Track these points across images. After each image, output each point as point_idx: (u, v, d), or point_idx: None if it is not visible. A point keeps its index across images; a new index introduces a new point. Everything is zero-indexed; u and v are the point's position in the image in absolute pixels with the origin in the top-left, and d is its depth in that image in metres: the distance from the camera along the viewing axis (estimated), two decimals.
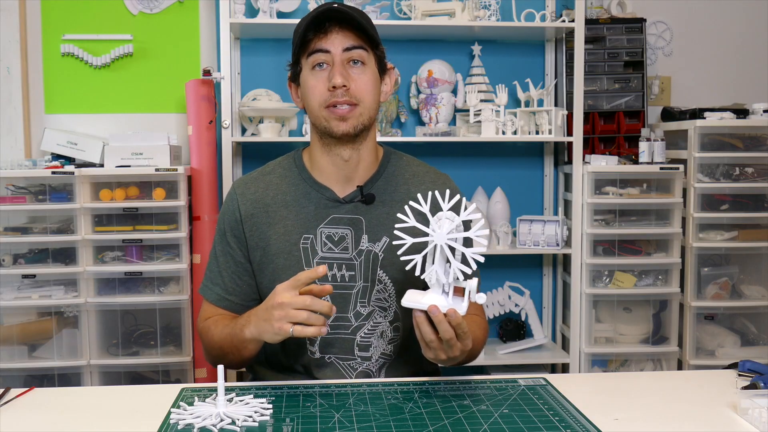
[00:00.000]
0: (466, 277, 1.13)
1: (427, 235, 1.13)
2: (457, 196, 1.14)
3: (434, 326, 1.13)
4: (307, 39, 1.32)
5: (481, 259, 1.12)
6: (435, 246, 1.12)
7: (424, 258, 1.15)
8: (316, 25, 1.31)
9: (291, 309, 1.16)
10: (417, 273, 1.14)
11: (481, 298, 1.14)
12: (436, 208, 1.14)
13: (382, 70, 1.40)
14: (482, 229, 1.11)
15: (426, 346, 1.16)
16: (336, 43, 1.31)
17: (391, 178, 1.43)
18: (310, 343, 1.39)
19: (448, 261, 1.13)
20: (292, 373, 1.42)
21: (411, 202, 1.16)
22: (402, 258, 1.16)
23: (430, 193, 1.16)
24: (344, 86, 1.31)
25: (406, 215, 1.15)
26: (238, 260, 1.41)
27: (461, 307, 1.13)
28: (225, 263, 1.42)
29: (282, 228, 1.38)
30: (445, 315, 1.11)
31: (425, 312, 1.13)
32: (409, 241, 1.14)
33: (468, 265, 1.12)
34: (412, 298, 1.14)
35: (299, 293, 1.18)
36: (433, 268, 1.13)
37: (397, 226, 1.16)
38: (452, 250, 1.12)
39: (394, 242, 1.17)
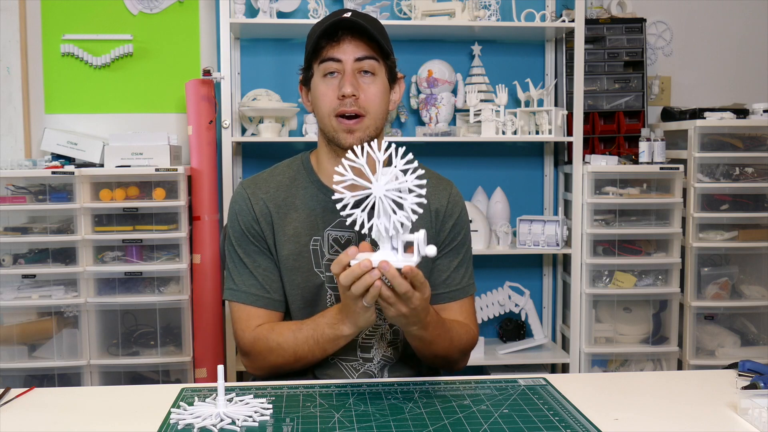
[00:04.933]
0: (414, 230, 1.12)
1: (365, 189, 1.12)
2: (386, 142, 1.13)
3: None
4: (319, 46, 1.34)
5: (420, 210, 1.10)
6: (375, 199, 1.11)
7: (370, 215, 1.13)
8: (329, 35, 1.33)
9: (362, 278, 1.12)
10: (357, 228, 1.13)
11: (431, 250, 1.11)
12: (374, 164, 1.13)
13: (392, 79, 1.41)
14: (419, 178, 1.10)
15: (386, 306, 1.16)
16: (348, 52, 1.33)
17: None
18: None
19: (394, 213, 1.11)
20: (296, 373, 1.42)
21: (348, 154, 1.15)
22: (342, 213, 1.14)
23: (365, 145, 1.15)
24: (353, 96, 1.32)
25: (347, 172, 1.13)
26: (267, 256, 1.39)
27: (412, 260, 1.11)
28: (253, 262, 1.39)
29: (292, 230, 1.39)
30: (399, 270, 1.10)
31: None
32: (348, 195, 1.13)
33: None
34: (362, 257, 1.12)
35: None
36: (375, 222, 1.11)
37: (336, 179, 1.14)
38: (394, 202, 1.11)
39: (333, 197, 1.15)
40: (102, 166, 2.41)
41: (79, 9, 2.63)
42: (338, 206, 1.14)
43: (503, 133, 2.53)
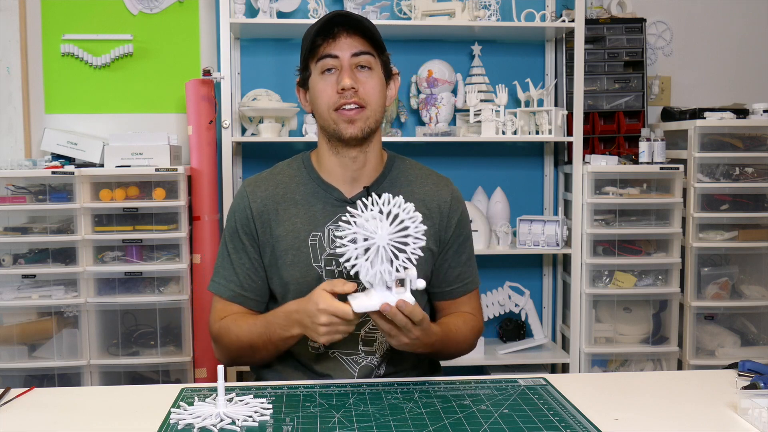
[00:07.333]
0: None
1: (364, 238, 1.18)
2: (387, 195, 1.18)
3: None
4: (316, 44, 1.37)
5: (420, 253, 1.18)
6: (378, 247, 1.16)
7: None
8: (325, 31, 1.36)
9: (339, 326, 1.22)
10: (352, 272, 1.19)
11: (420, 283, 1.20)
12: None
13: (388, 75, 1.44)
14: (420, 225, 1.17)
15: (389, 336, 1.24)
16: (344, 48, 1.36)
17: (396, 179, 1.47)
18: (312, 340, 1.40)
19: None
20: (294, 367, 1.43)
21: (359, 202, 1.19)
22: (347, 265, 1.18)
23: (364, 200, 1.19)
24: (353, 88, 1.35)
25: (353, 219, 1.18)
26: (252, 257, 1.44)
27: (406, 296, 1.18)
28: (238, 260, 1.44)
29: (291, 225, 1.42)
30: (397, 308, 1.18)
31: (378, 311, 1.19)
32: (352, 247, 1.18)
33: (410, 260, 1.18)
34: (362, 304, 1.19)
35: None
36: (377, 269, 1.17)
37: (338, 233, 1.21)
38: (395, 248, 1.17)
39: (337, 249, 1.20)
40: (102, 166, 2.41)
41: (79, 9, 2.63)
42: (341, 259, 1.19)
43: (503, 133, 2.53)
